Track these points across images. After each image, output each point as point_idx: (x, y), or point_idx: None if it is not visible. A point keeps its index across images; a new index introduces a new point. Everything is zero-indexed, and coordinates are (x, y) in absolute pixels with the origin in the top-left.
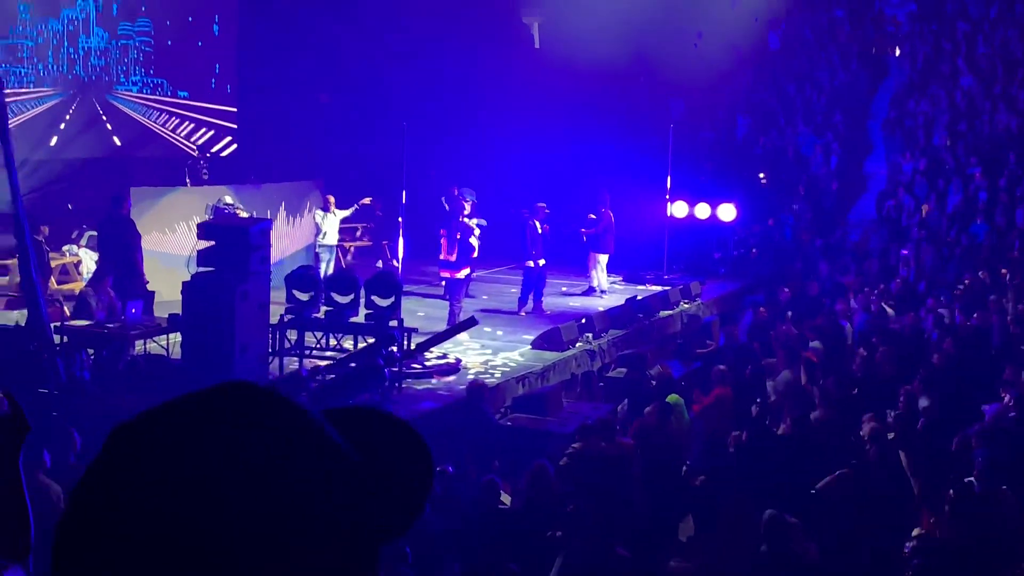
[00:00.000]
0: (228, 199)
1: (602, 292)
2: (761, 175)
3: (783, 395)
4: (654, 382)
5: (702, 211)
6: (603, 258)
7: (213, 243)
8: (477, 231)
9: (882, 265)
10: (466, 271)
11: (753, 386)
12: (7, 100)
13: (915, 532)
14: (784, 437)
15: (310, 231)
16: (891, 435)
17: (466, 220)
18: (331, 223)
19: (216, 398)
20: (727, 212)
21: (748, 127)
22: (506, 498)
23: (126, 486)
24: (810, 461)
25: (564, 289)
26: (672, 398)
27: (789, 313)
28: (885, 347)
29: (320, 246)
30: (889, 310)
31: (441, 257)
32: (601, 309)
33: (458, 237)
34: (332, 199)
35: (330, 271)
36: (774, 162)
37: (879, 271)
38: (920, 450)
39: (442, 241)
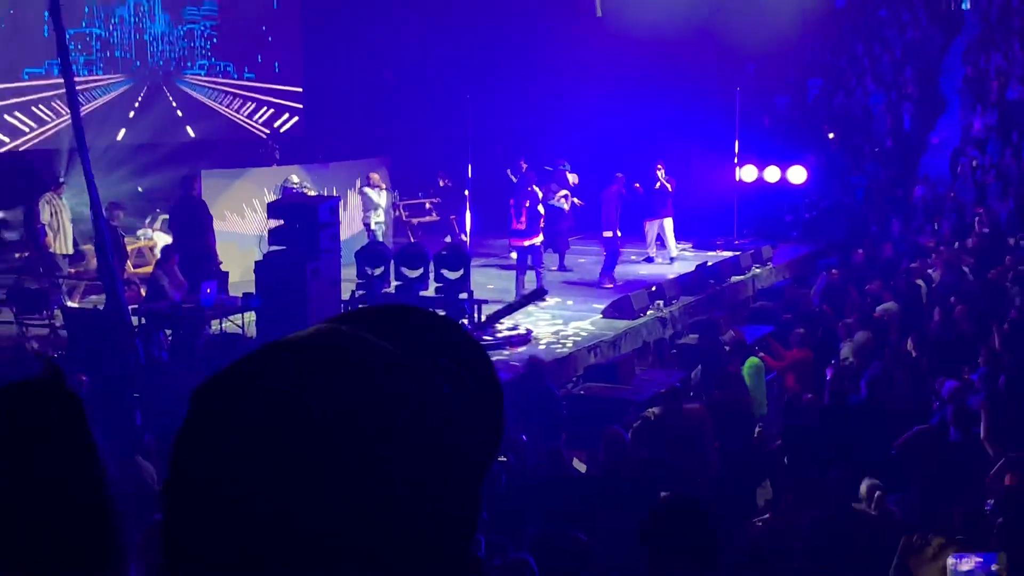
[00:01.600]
0: (295, 179)
1: (671, 260)
2: (831, 134)
3: (859, 356)
4: (727, 347)
5: (771, 174)
6: (667, 223)
7: (283, 222)
8: (546, 196)
9: (958, 222)
10: (539, 238)
11: (826, 349)
12: (78, 88)
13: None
14: (860, 399)
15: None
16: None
17: (535, 189)
18: (385, 199)
19: (300, 347)
20: (797, 175)
21: (818, 88)
22: (581, 466)
23: (224, 451)
24: (888, 422)
25: (633, 258)
26: (751, 361)
27: (863, 275)
28: (963, 305)
29: (376, 223)
30: (966, 269)
31: (512, 227)
32: (671, 276)
33: (527, 205)
34: (377, 176)
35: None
36: (844, 123)
37: (954, 228)
38: (1001, 409)
39: (512, 211)
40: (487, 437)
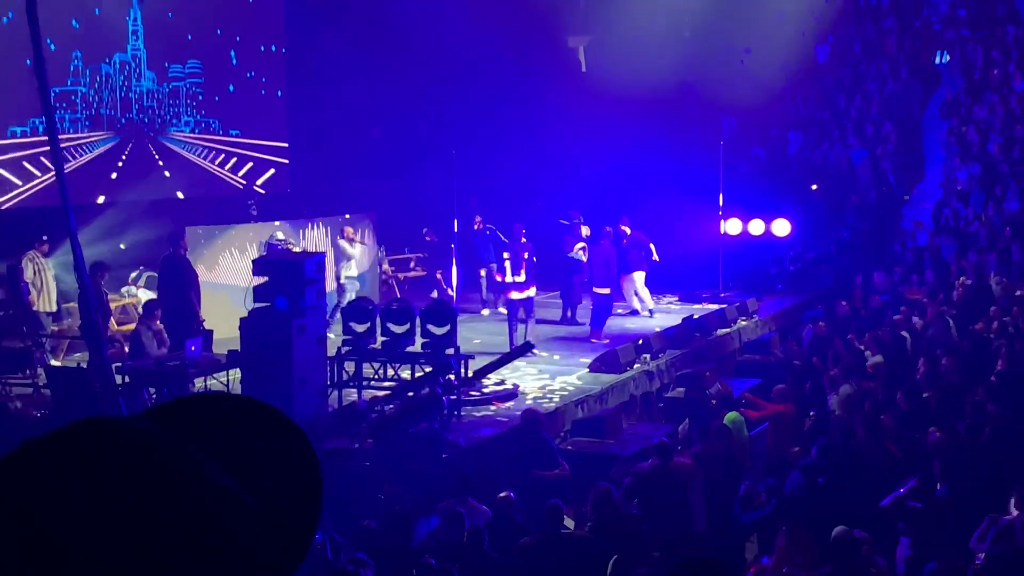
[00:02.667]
0: (280, 235)
1: (650, 312)
2: (813, 185)
3: (845, 409)
4: (714, 401)
5: (756, 227)
6: (637, 277)
7: (268, 278)
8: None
9: (941, 274)
10: (534, 290)
11: (814, 401)
12: (62, 146)
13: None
14: (849, 451)
15: (362, 262)
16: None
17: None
18: (359, 252)
19: (63, 442)
20: (781, 227)
21: (800, 142)
22: (569, 522)
23: None
24: (876, 475)
25: (619, 311)
26: (731, 416)
27: (848, 327)
28: (949, 357)
29: (347, 277)
30: (951, 320)
31: (507, 280)
32: (657, 329)
33: (525, 257)
34: (351, 229)
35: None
36: (827, 176)
37: (938, 280)
38: (986, 460)
39: (506, 264)
40: (282, 531)
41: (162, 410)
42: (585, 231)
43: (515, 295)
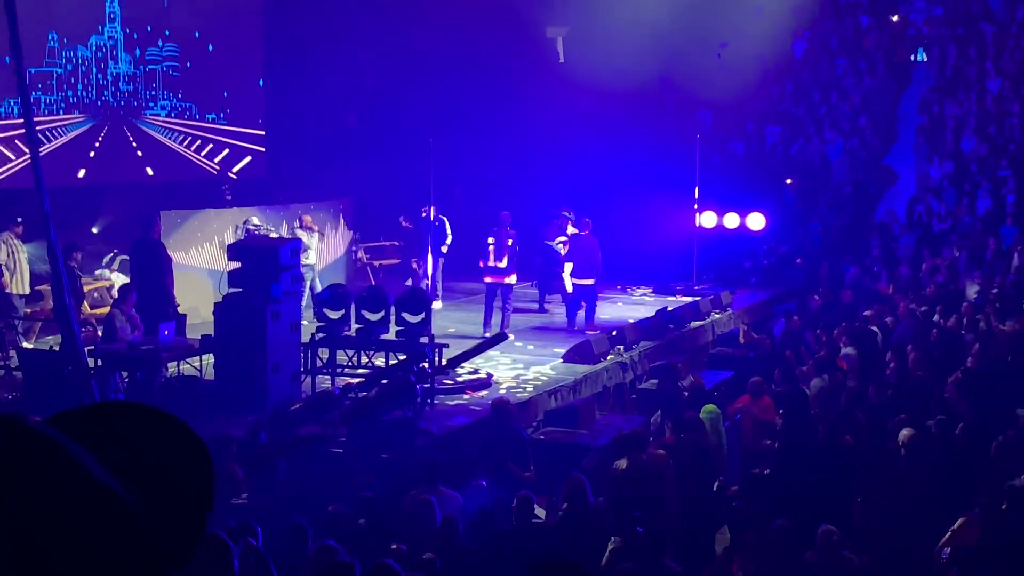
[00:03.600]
0: (256, 220)
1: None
2: (788, 180)
3: (816, 403)
4: (687, 393)
5: (731, 221)
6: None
7: (241, 264)
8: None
9: (913, 270)
10: (514, 277)
11: (785, 394)
12: (37, 127)
13: (946, 537)
14: (818, 446)
15: (337, 248)
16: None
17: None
18: (315, 242)
19: None
20: (756, 221)
21: (776, 136)
22: (540, 512)
23: None
24: (845, 469)
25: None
26: (708, 408)
27: (820, 321)
28: (918, 353)
29: (306, 264)
30: (920, 315)
31: (489, 264)
32: (631, 321)
33: (508, 244)
34: (309, 218)
35: (317, 288)
36: (802, 170)
37: (910, 277)
38: (957, 456)
39: (490, 248)
40: (168, 528)
41: (68, 415)
42: (572, 229)
43: (492, 279)
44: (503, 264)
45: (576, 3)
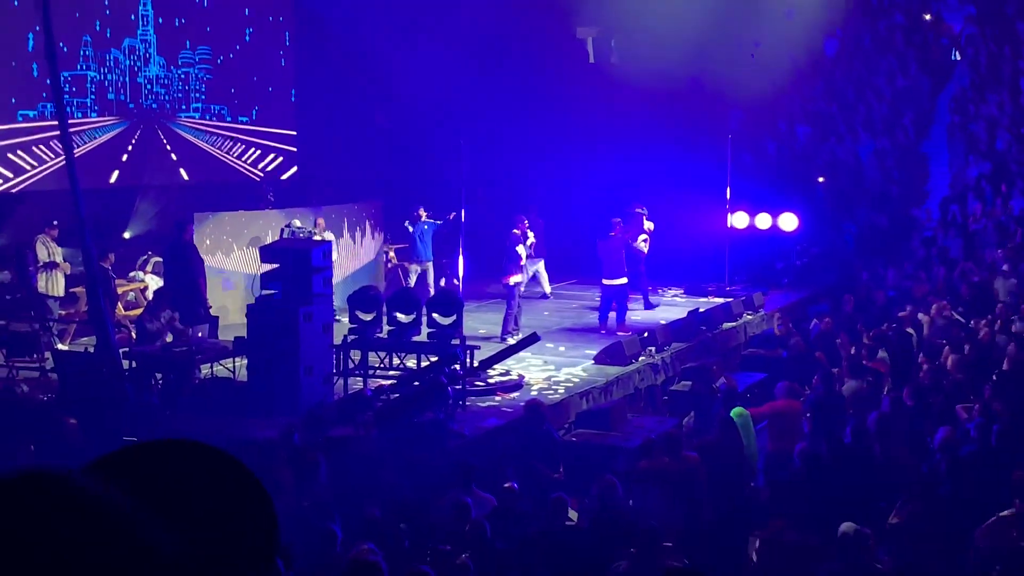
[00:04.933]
0: (298, 222)
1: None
2: (820, 178)
3: (852, 404)
4: (719, 395)
5: (763, 221)
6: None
7: (277, 265)
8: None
9: (948, 271)
10: (515, 278)
11: (819, 397)
12: (71, 130)
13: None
14: (851, 448)
15: (369, 250)
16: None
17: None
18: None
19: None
20: (788, 222)
21: (808, 136)
22: (573, 514)
23: None
24: (879, 472)
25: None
26: (737, 411)
27: (854, 322)
28: (955, 355)
29: None
30: (958, 316)
31: (524, 265)
32: (663, 322)
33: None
34: (323, 221)
35: None
36: (835, 170)
37: (946, 277)
38: (994, 458)
39: (520, 251)
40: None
41: (112, 459)
42: (649, 225)
43: (519, 279)
44: (516, 268)
45: (606, 3)
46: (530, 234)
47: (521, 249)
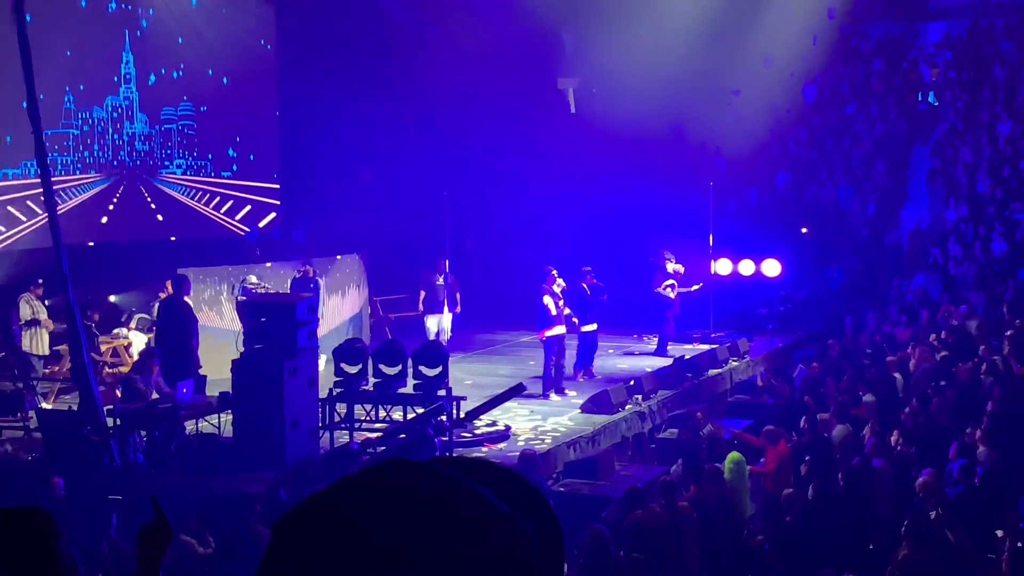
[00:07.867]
0: (253, 278)
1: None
2: (804, 229)
3: (839, 450)
4: (706, 442)
5: (746, 268)
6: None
7: (264, 319)
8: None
9: (931, 315)
10: (549, 332)
11: (808, 442)
12: (55, 187)
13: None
14: (842, 494)
15: (354, 303)
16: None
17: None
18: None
19: (377, 479)
20: (771, 268)
21: (788, 182)
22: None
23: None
24: (869, 517)
25: (611, 351)
26: (733, 456)
27: (840, 367)
28: (939, 397)
29: None
30: (938, 360)
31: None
32: (649, 370)
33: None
34: (311, 269)
35: None
36: (816, 216)
37: (929, 321)
38: (979, 503)
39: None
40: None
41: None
42: (675, 268)
43: (553, 332)
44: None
45: (586, 54)
46: (560, 281)
47: (548, 300)
